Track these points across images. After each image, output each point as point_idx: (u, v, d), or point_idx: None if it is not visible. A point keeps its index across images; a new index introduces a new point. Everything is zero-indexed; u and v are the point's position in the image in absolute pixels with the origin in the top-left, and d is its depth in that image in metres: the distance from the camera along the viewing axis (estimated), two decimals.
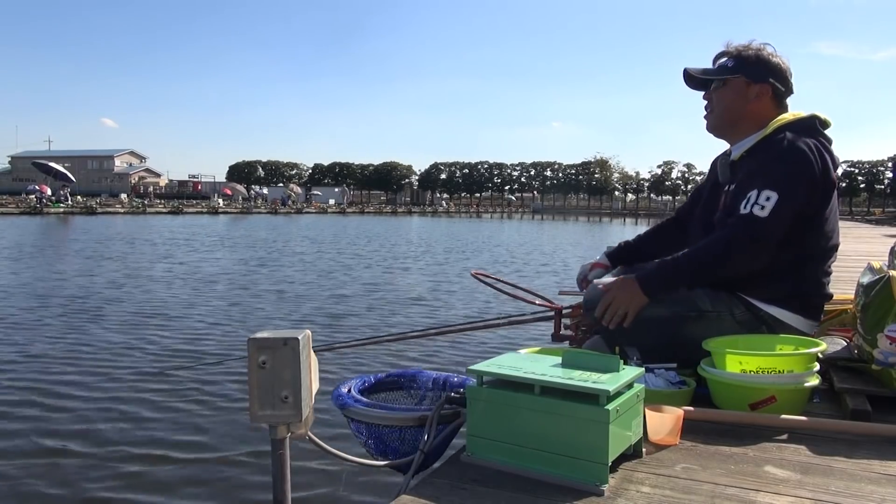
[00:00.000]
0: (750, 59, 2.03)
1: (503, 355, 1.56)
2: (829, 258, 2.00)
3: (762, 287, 1.93)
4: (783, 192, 1.82)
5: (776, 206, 1.81)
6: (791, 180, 1.85)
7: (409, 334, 3.91)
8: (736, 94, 2.03)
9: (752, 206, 1.83)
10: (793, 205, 1.84)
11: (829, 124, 2.02)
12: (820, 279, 1.99)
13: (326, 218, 41.16)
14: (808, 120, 2.00)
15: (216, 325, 6.28)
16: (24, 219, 26.77)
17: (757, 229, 1.82)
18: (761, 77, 2.02)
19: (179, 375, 4.44)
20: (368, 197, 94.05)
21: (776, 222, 1.82)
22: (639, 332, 1.91)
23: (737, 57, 2.04)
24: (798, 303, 1.96)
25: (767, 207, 1.81)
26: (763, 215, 1.81)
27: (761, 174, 1.87)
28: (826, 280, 2.01)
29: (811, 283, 1.98)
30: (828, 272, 2.01)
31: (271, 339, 1.14)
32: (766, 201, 1.81)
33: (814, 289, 1.99)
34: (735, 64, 2.03)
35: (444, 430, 1.62)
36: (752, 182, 1.87)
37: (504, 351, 1.67)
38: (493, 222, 44.50)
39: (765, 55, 2.04)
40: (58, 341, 5.42)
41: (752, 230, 1.83)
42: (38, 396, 3.96)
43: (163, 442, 3.31)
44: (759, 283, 1.93)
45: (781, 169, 1.87)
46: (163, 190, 78.92)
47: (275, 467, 1.19)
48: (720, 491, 1.28)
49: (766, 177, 1.86)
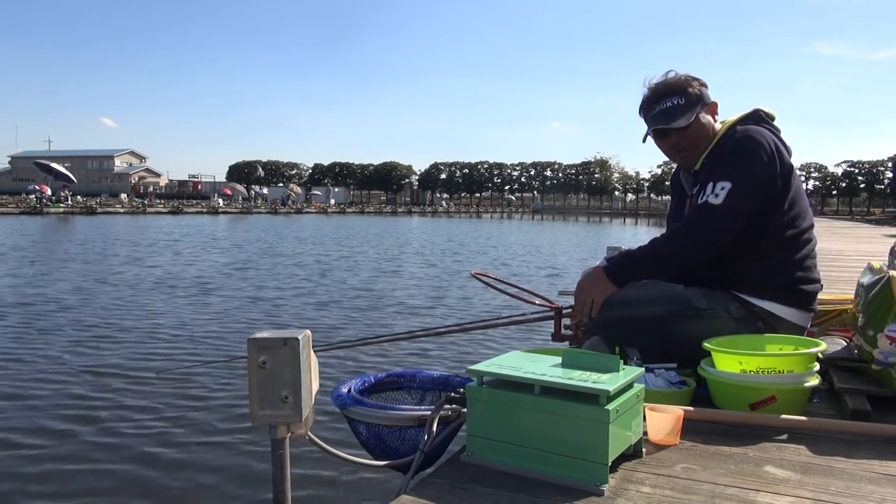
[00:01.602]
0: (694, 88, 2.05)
1: (503, 355, 1.56)
2: (807, 241, 2.03)
3: (751, 282, 1.97)
4: (736, 181, 1.89)
5: (730, 193, 1.88)
6: (743, 168, 1.92)
7: (409, 334, 3.90)
8: (704, 124, 2.07)
9: (707, 196, 1.91)
10: (749, 189, 1.90)
11: (774, 117, 2.09)
12: (803, 263, 2.01)
13: (326, 218, 41.16)
14: (753, 114, 2.08)
15: (216, 326, 6.28)
16: (22, 219, 26.77)
17: (711, 215, 1.90)
18: (708, 98, 2.08)
19: (179, 376, 4.43)
20: (368, 197, 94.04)
21: (730, 208, 1.88)
22: (637, 331, 1.96)
23: (683, 94, 2.05)
24: (789, 295, 1.98)
25: (721, 195, 1.88)
26: (717, 203, 1.89)
27: (716, 169, 1.95)
28: (811, 264, 2.03)
29: (797, 271, 2.00)
30: (810, 256, 2.04)
31: (271, 340, 1.14)
32: (721, 190, 1.89)
33: (801, 277, 2.00)
34: (686, 100, 2.04)
35: (444, 430, 1.62)
36: (709, 178, 1.95)
37: (504, 351, 1.67)
38: (493, 222, 44.51)
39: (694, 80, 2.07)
40: (54, 341, 5.43)
41: (707, 216, 1.91)
42: (35, 396, 3.96)
43: (162, 442, 3.31)
44: (747, 279, 1.97)
45: (733, 160, 1.94)
46: (163, 190, 78.88)
47: (275, 467, 1.19)
48: (720, 491, 1.28)
49: (720, 170, 1.94)
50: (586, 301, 1.99)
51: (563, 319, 2.71)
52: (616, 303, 1.98)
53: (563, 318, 2.71)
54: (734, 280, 1.97)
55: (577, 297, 2.03)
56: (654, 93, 2.08)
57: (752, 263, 1.96)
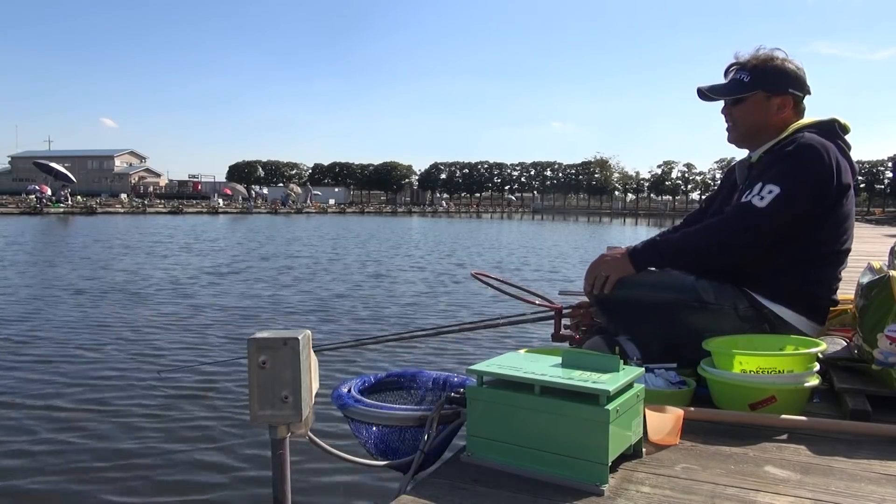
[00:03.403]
0: (767, 71, 1.99)
1: (503, 355, 1.56)
2: (839, 262, 1.98)
3: (768, 284, 1.92)
4: (786, 187, 1.82)
5: (776, 199, 1.81)
6: (796, 177, 1.85)
7: (410, 334, 3.90)
8: (758, 109, 2.01)
9: (752, 197, 1.84)
10: (795, 201, 1.84)
11: (849, 129, 2.00)
12: (828, 282, 1.97)
13: (326, 218, 41.15)
14: (826, 123, 1.99)
15: (215, 326, 6.28)
16: (22, 219, 26.75)
17: (752, 218, 1.83)
18: (781, 89, 2.00)
19: (179, 376, 4.43)
20: (368, 197, 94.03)
21: (773, 214, 1.81)
22: (639, 315, 1.91)
23: (752, 70, 2.00)
24: (803, 303, 1.94)
25: (767, 199, 1.82)
26: (761, 205, 1.82)
27: (769, 169, 1.88)
28: (834, 285, 1.99)
29: (818, 285, 1.96)
30: (837, 277, 1.99)
31: (271, 339, 1.14)
32: (768, 194, 1.82)
33: (820, 290, 1.97)
34: (752, 78, 2.00)
35: (444, 430, 1.62)
36: (760, 177, 1.88)
37: (504, 351, 1.67)
38: (493, 222, 44.49)
39: (780, 65, 2.00)
40: (55, 342, 5.42)
41: (747, 218, 1.84)
42: (34, 397, 3.96)
43: (162, 442, 3.31)
44: (764, 280, 1.92)
45: (789, 164, 1.87)
46: (163, 190, 78.91)
47: (275, 467, 1.19)
48: (720, 491, 1.28)
49: (772, 171, 1.86)
50: (601, 275, 1.92)
51: (563, 319, 2.71)
52: (626, 284, 1.92)
53: (563, 318, 2.71)
54: (748, 276, 1.92)
55: (591, 270, 1.96)
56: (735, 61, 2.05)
57: (776, 265, 1.90)
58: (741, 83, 2.01)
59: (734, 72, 2.05)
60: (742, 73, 2.02)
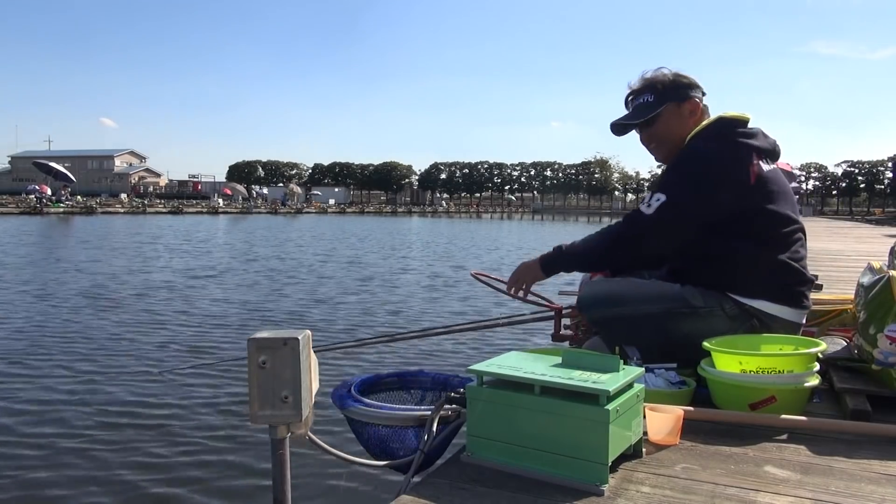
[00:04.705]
0: (667, 85, 2.10)
1: (503, 355, 1.56)
2: (791, 244, 2.00)
3: (742, 284, 1.97)
4: (670, 194, 1.93)
5: (661, 206, 1.92)
6: (679, 183, 1.96)
7: (409, 334, 3.91)
8: (674, 119, 2.09)
9: (642, 205, 1.97)
10: (680, 207, 1.93)
11: (745, 119, 2.03)
12: (791, 264, 1.99)
13: (326, 218, 41.15)
14: (714, 123, 2.04)
15: (215, 325, 6.28)
16: (22, 219, 26.75)
17: (637, 224, 1.97)
18: (685, 95, 2.11)
19: (179, 375, 4.44)
20: (368, 197, 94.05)
21: (658, 220, 1.93)
22: (635, 329, 1.99)
23: (653, 90, 2.11)
24: (780, 293, 1.98)
25: (653, 206, 1.93)
26: (647, 212, 1.94)
27: (661, 180, 2.02)
28: (798, 265, 2.01)
29: (781, 269, 1.98)
30: (798, 255, 2.02)
31: (271, 339, 1.14)
32: (655, 202, 1.94)
33: (786, 274, 1.99)
34: (656, 97, 2.10)
35: (444, 430, 1.62)
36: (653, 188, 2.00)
37: (504, 351, 1.67)
38: (492, 222, 44.49)
39: (675, 76, 2.12)
40: (54, 341, 5.43)
41: (634, 224, 1.98)
42: (35, 396, 3.96)
43: (162, 442, 3.31)
44: (739, 281, 1.97)
45: (675, 173, 2.00)
46: (163, 190, 78.86)
47: (275, 467, 1.19)
48: (720, 491, 1.28)
49: (661, 181, 2.00)
50: (518, 283, 2.17)
51: (563, 319, 2.71)
52: (615, 300, 2.01)
53: (563, 318, 2.71)
54: (725, 281, 1.98)
55: (510, 279, 2.21)
56: (631, 89, 2.17)
57: (739, 265, 1.96)
58: (649, 104, 2.11)
59: (635, 98, 2.16)
60: (645, 96, 2.12)
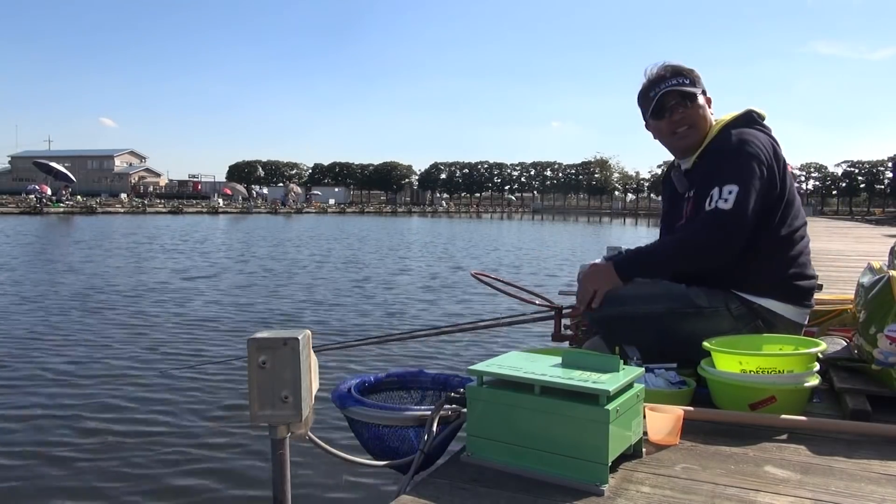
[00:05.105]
0: (693, 73, 2.11)
1: (503, 355, 1.56)
2: (800, 239, 2.05)
3: (752, 281, 1.98)
4: (742, 183, 1.91)
5: (738, 196, 1.89)
6: (747, 170, 1.94)
7: (410, 334, 3.91)
8: (703, 108, 2.10)
9: (716, 202, 1.91)
10: (753, 193, 1.92)
11: (765, 117, 2.11)
12: (799, 262, 2.03)
13: (326, 218, 41.16)
14: (746, 115, 2.09)
15: (215, 325, 6.28)
16: (22, 218, 26.75)
17: (724, 221, 1.90)
18: (704, 88, 2.13)
19: (179, 376, 4.43)
20: (368, 197, 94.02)
21: (741, 212, 1.89)
22: (637, 328, 1.98)
23: (685, 75, 2.09)
24: (786, 291, 2.00)
25: (731, 200, 1.89)
26: (727, 207, 1.89)
27: (718, 173, 1.95)
28: (806, 261, 2.05)
29: (792, 267, 2.01)
30: (805, 253, 2.06)
31: (271, 339, 1.14)
32: (729, 195, 1.90)
33: (797, 273, 2.02)
34: (690, 80, 2.10)
35: (444, 430, 1.62)
36: (712, 182, 1.94)
37: (504, 351, 1.67)
38: (492, 222, 44.50)
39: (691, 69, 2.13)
40: (54, 341, 5.43)
41: (720, 222, 1.91)
42: (35, 396, 3.96)
43: (162, 442, 3.31)
44: (748, 278, 1.98)
45: (736, 162, 1.96)
46: (163, 190, 78.87)
47: (275, 467, 1.19)
48: (720, 491, 1.28)
49: (723, 173, 1.94)
50: (589, 290, 2.02)
51: (563, 319, 2.71)
52: (617, 300, 2.00)
53: (563, 318, 2.71)
54: (733, 279, 1.98)
55: (580, 285, 2.07)
56: (665, 70, 2.11)
57: (751, 262, 1.97)
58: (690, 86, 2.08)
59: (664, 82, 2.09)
60: (679, 79, 2.08)
